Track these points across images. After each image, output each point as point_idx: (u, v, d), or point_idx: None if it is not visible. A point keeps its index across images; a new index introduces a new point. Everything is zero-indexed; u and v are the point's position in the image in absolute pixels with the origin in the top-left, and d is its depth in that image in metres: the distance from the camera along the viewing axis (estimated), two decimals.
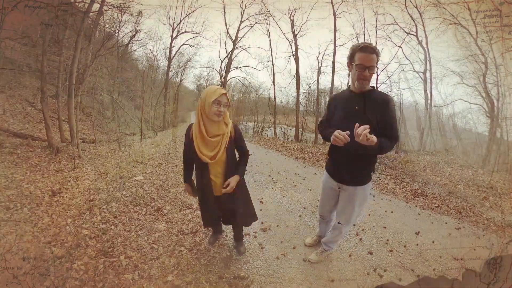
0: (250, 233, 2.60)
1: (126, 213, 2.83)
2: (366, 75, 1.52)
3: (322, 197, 2.12)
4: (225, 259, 2.17)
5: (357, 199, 1.80)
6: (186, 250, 2.23)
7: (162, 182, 3.95)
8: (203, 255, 2.18)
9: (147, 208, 2.99)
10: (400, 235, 2.84)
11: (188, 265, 2.04)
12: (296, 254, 2.35)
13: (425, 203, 3.90)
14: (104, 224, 2.53)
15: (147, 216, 2.81)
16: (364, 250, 2.50)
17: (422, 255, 2.52)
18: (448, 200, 4.08)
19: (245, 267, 2.10)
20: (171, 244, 2.32)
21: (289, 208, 3.35)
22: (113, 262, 2.00)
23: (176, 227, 2.63)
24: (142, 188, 3.59)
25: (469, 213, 3.66)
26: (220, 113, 1.63)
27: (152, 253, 2.17)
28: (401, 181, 4.89)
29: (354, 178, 1.76)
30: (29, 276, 1.76)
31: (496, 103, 6.04)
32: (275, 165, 5.55)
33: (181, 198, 3.39)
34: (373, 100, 1.58)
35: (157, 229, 2.55)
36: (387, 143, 1.50)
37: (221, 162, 1.79)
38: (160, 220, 2.74)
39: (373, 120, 1.53)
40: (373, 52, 1.50)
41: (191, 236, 2.47)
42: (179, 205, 3.17)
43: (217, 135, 1.71)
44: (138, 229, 2.53)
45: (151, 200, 3.22)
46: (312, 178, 4.80)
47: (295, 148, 7.72)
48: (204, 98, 1.62)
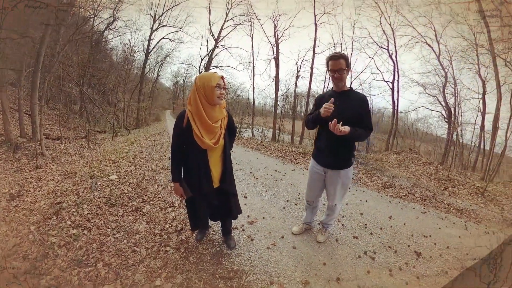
0: (238, 227, 2.56)
1: (100, 215, 2.58)
2: (335, 76, 1.90)
3: (310, 183, 2.31)
4: (215, 254, 2.08)
5: (341, 180, 2.10)
6: (172, 250, 2.08)
7: (138, 181, 3.71)
8: (192, 253, 2.06)
9: (124, 209, 2.77)
10: (376, 219, 3.16)
11: (176, 266, 1.90)
12: (286, 243, 2.39)
13: (394, 193, 4.43)
14: (75, 229, 2.27)
15: (124, 217, 2.60)
16: (349, 235, 2.69)
17: (397, 235, 2.83)
18: (413, 190, 4.70)
19: (237, 260, 2.05)
20: (155, 245, 2.15)
21: (273, 201, 3.41)
22: (90, 272, 1.77)
23: (159, 226, 2.47)
24: (117, 187, 3.33)
25: (432, 200, 4.26)
26: (222, 95, 1.66)
27: (134, 257, 1.98)
28: (372, 175, 5.44)
29: (338, 162, 2.05)
30: (29, 276, 1.68)
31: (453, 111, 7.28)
32: (255, 163, 5.64)
33: (161, 196, 3.22)
34: (351, 97, 1.95)
35: (137, 230, 2.36)
36: (362, 132, 1.88)
37: (220, 148, 1.80)
38: (140, 221, 2.55)
39: (351, 114, 1.87)
40: (339, 58, 1.87)
41: (176, 234, 2.34)
42: (159, 204, 3.00)
43: (217, 120, 1.72)
44: (116, 232, 2.31)
45: (128, 200, 3.00)
46: (291, 174, 4.98)
47: (273, 148, 7.87)
48: (204, 84, 1.62)
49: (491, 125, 6.60)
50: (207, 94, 1.62)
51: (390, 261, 2.29)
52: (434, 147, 8.00)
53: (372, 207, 3.57)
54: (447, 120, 7.40)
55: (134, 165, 4.63)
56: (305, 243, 2.43)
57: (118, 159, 4.92)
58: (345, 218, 3.07)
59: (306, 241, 2.45)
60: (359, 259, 2.27)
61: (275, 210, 3.12)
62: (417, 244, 2.67)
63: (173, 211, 2.82)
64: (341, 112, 1.84)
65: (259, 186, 3.99)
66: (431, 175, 6.12)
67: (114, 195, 3.07)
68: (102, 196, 3.02)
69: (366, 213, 3.32)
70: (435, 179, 5.83)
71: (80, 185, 3.35)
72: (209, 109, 1.66)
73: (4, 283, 1.60)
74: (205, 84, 1.62)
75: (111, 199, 2.94)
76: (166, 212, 2.78)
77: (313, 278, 1.94)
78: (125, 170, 4.22)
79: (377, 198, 4.06)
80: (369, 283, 1.95)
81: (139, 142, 7.17)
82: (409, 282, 2.03)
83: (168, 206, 2.94)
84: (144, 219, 2.59)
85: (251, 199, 3.40)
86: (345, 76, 1.92)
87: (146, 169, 4.40)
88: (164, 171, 4.31)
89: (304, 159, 6.57)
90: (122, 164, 4.61)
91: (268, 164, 5.67)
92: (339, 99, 1.90)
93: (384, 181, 5.08)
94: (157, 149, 6.37)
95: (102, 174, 3.82)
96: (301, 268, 2.05)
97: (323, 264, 2.12)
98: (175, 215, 2.72)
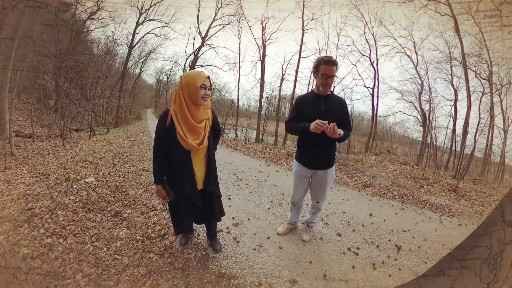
0: (223, 229, 2.53)
1: (77, 221, 2.43)
2: (329, 82, 1.94)
3: (296, 186, 2.34)
4: (202, 259, 2.04)
5: (328, 179, 2.19)
6: (156, 256, 2.00)
7: (118, 183, 3.55)
8: (177, 259, 2.00)
9: (103, 214, 2.64)
10: (358, 217, 3.29)
11: (161, 273, 1.83)
12: (272, 243, 2.41)
13: (374, 192, 4.66)
14: (49, 238, 2.12)
15: (103, 223, 2.47)
16: (333, 233, 2.78)
17: (378, 230, 2.98)
18: (392, 189, 4.97)
19: (224, 263, 2.02)
20: (138, 252, 2.06)
21: (257, 202, 3.42)
22: (68, 285, 1.66)
23: (141, 232, 2.37)
24: (94, 191, 3.16)
25: (409, 198, 4.55)
26: (207, 96, 1.63)
27: (116, 266, 1.88)
28: (353, 176, 5.69)
29: (325, 162, 2.13)
30: (29, 276, 1.65)
31: (428, 116, 8.03)
32: (238, 164, 5.62)
33: (143, 200, 3.10)
34: (334, 101, 2.05)
35: (118, 236, 2.25)
36: (346, 132, 1.98)
37: (204, 149, 1.76)
38: (121, 226, 2.44)
39: (335, 116, 1.94)
40: (334, 64, 1.91)
41: (159, 240, 2.26)
42: (140, 208, 2.88)
43: (202, 120, 1.69)
44: (94, 239, 2.19)
45: (107, 205, 2.85)
46: (275, 175, 5.03)
47: (256, 149, 7.92)
48: (189, 83, 1.58)
49: (462, 129, 7.42)
50: (191, 93, 1.59)
51: (373, 255, 2.41)
52: (410, 149, 8.83)
53: (353, 206, 3.70)
54: (422, 124, 8.17)
55: (113, 166, 4.42)
56: (290, 242, 2.46)
57: (95, 160, 4.67)
58: (328, 217, 3.15)
59: (291, 241, 2.49)
60: (344, 255, 2.35)
61: (259, 211, 3.13)
62: (397, 238, 2.84)
63: (155, 215, 2.72)
64: (326, 114, 1.92)
65: (243, 187, 3.98)
66: (407, 174, 6.55)
67: (92, 199, 2.91)
68: (79, 200, 2.85)
69: (348, 211, 3.43)
70: (412, 178, 6.23)
71: (54, 188, 3.14)
72: (193, 109, 1.63)
73: (4, 283, 1.57)
74: (189, 83, 1.58)
75: (88, 204, 2.78)
76: (148, 217, 2.68)
77: (301, 277, 1.97)
78: (103, 172, 4.02)
79: (358, 197, 4.22)
80: (354, 278, 2.04)
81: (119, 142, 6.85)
82: (392, 274, 2.15)
83: (150, 210, 2.84)
84: (124, 224, 2.48)
85: (235, 200, 3.38)
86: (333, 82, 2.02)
87: (126, 171, 4.23)
88: (145, 173, 4.16)
89: (287, 160, 6.66)
90: (100, 165, 4.39)
91: (252, 165, 5.68)
92: (324, 103, 2.00)
93: (364, 181, 5.30)
94: (138, 150, 6.13)
95: (78, 176, 3.60)
96: (289, 267, 2.08)
97: (310, 262, 2.17)
98: (158, 219, 2.63)
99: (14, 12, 2.36)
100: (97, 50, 8.34)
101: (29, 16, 3.80)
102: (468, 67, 7.06)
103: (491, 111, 7.07)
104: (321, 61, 1.93)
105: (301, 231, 2.66)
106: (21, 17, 3.48)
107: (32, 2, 2.80)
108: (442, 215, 3.92)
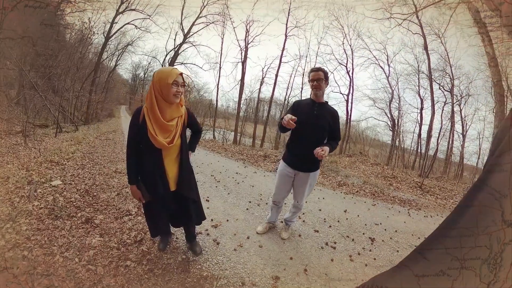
0: (202, 232, 2.50)
1: (43, 230, 2.24)
2: (315, 85, 2.13)
3: (279, 185, 2.40)
4: (182, 263, 2.00)
5: (310, 181, 2.30)
6: (133, 264, 1.91)
7: (88, 187, 3.33)
8: (156, 265, 1.93)
9: (72, 221, 2.46)
10: (333, 214, 3.48)
11: (140, 281, 1.76)
12: (252, 243, 2.44)
13: (347, 190, 4.97)
14: (11, 251, 1.92)
15: (73, 231, 2.30)
16: (310, 229, 2.90)
17: (352, 225, 3.18)
18: (364, 187, 5.36)
19: (205, 266, 2.00)
20: (113, 261, 1.94)
21: (235, 203, 3.44)
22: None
23: (115, 238, 2.24)
24: (61, 195, 2.95)
25: (380, 194, 4.93)
26: (179, 93, 1.60)
27: (90, 278, 1.75)
28: (328, 176, 6.02)
29: (310, 166, 2.23)
30: (29, 276, 1.61)
31: (397, 122, 9.10)
32: (216, 165, 5.60)
33: (116, 204, 2.94)
34: (327, 109, 2.19)
35: (90, 245, 2.11)
36: (335, 144, 2.19)
37: (176, 148, 1.72)
38: (93, 234, 2.29)
39: (325, 123, 2.12)
40: (318, 70, 2.13)
41: (136, 246, 2.16)
42: (114, 213, 2.74)
43: (173, 118, 1.66)
44: (64, 249, 2.02)
45: (77, 210, 2.67)
46: (253, 176, 5.09)
47: (234, 150, 7.93)
48: (160, 80, 1.54)
49: (426, 134, 8.62)
50: (163, 90, 1.56)
51: (349, 248, 2.58)
52: (381, 151, 9.96)
53: (329, 203, 3.88)
54: (392, 129, 9.14)
55: (82, 168, 4.15)
56: (270, 241, 2.51)
57: (62, 160, 4.35)
58: (305, 215, 3.27)
59: (271, 239, 2.54)
60: (322, 250, 2.48)
61: (238, 212, 3.15)
62: (371, 231, 3.06)
63: (130, 220, 2.60)
64: (318, 119, 2.11)
65: (221, 189, 3.96)
66: (378, 174, 7.09)
67: (59, 204, 2.70)
68: (44, 206, 2.63)
69: (324, 208, 3.59)
70: (382, 177, 6.76)
71: (14, 193, 2.86)
72: (164, 106, 1.60)
73: (4, 283, 1.53)
74: (161, 80, 1.55)
75: (55, 210, 2.58)
76: (123, 222, 2.55)
77: (283, 273, 2.04)
78: (71, 174, 3.75)
79: (333, 195, 4.43)
80: (333, 269, 2.17)
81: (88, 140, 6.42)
82: (368, 264, 2.34)
83: (124, 214, 2.71)
84: (97, 231, 2.34)
85: (213, 202, 3.36)
86: (323, 86, 2.14)
87: (96, 172, 3.98)
88: (117, 175, 3.95)
89: (265, 161, 6.74)
90: (68, 166, 4.09)
91: (230, 166, 5.67)
92: (317, 108, 2.15)
93: (338, 180, 5.60)
94: (110, 150, 5.80)
95: (42, 179, 3.33)
96: (270, 265, 2.13)
97: (290, 259, 2.25)
98: (133, 224, 2.52)
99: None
100: (70, 37, 7.52)
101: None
102: (434, 80, 8.33)
103: (452, 118, 8.35)
104: (310, 71, 2.21)
105: (279, 229, 2.73)
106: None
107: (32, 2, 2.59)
108: (410, 209, 4.31)
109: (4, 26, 2.24)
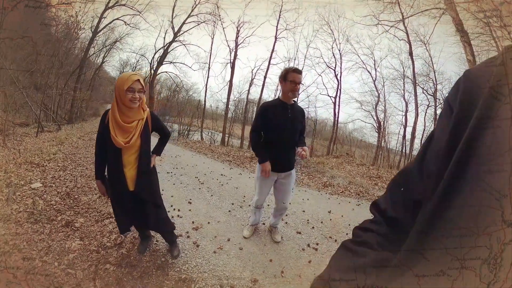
0: (183, 234, 2.54)
1: (22, 234, 2.22)
2: (297, 88, 2.12)
3: (261, 189, 2.43)
4: (161, 266, 2.03)
5: (292, 180, 2.40)
6: (113, 267, 1.94)
7: (69, 189, 3.30)
8: (135, 268, 1.96)
9: (52, 224, 2.45)
10: (317, 214, 3.48)
11: (120, 284, 1.79)
12: (232, 245, 2.47)
13: (332, 191, 5.00)
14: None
15: (53, 234, 2.30)
16: (293, 231, 2.93)
17: (336, 226, 3.18)
18: (349, 187, 5.41)
19: (184, 269, 2.04)
20: (93, 264, 1.96)
21: (218, 205, 3.44)
22: None
23: (95, 242, 2.26)
24: (41, 198, 2.91)
25: (365, 194, 4.99)
26: (135, 99, 1.67)
27: (69, 281, 1.77)
28: (313, 177, 6.05)
29: (289, 164, 2.32)
30: (29, 276, 1.66)
31: (382, 124, 9.42)
32: (201, 167, 5.57)
33: (97, 207, 2.93)
34: (298, 110, 2.25)
35: (70, 249, 2.12)
36: (304, 139, 2.30)
37: (135, 149, 1.80)
38: (73, 237, 2.29)
39: (299, 125, 2.21)
40: (301, 73, 2.15)
41: (116, 249, 2.18)
42: (95, 216, 2.73)
43: (133, 121, 1.76)
44: (43, 253, 2.02)
45: (57, 214, 2.65)
46: (238, 177, 5.08)
47: (221, 152, 7.93)
48: (118, 86, 1.65)
49: (410, 135, 9.06)
50: (120, 96, 1.66)
51: (332, 249, 2.58)
52: (367, 152, 10.35)
53: (313, 204, 3.89)
54: (378, 131, 9.55)
55: (64, 169, 4.08)
56: (251, 243, 2.54)
57: (43, 161, 4.25)
58: (288, 217, 3.28)
59: (252, 241, 2.57)
60: (303, 252, 2.50)
61: (220, 214, 3.17)
62: None
63: (110, 223, 2.60)
64: (293, 123, 2.17)
65: (204, 191, 3.96)
66: (364, 174, 7.25)
67: (39, 208, 2.68)
68: (23, 210, 2.60)
69: (308, 210, 3.60)
70: (367, 177, 6.90)
71: None
72: (124, 109, 1.71)
73: (4, 283, 1.56)
74: (118, 86, 1.65)
75: (35, 213, 2.56)
76: (103, 225, 2.56)
77: (261, 276, 2.07)
78: (52, 176, 3.69)
79: (318, 196, 4.44)
80: (309, 272, 2.20)
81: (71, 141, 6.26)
82: None
83: (105, 217, 2.70)
84: (77, 234, 2.34)
85: (195, 204, 3.37)
86: None
87: (78, 174, 3.93)
88: None
89: (251, 163, 6.77)
90: (48, 168, 4.01)
91: (215, 168, 5.65)
92: (290, 111, 2.18)
93: (324, 181, 5.65)
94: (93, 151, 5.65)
95: (22, 181, 3.27)
96: (249, 267, 2.16)
97: (270, 261, 2.28)
98: (113, 227, 2.51)
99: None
100: (55, 30, 7.22)
101: None
102: (418, 84, 8.82)
103: (435, 121, 8.72)
104: (289, 70, 2.15)
105: (262, 231, 2.76)
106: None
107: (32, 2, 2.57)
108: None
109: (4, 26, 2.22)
